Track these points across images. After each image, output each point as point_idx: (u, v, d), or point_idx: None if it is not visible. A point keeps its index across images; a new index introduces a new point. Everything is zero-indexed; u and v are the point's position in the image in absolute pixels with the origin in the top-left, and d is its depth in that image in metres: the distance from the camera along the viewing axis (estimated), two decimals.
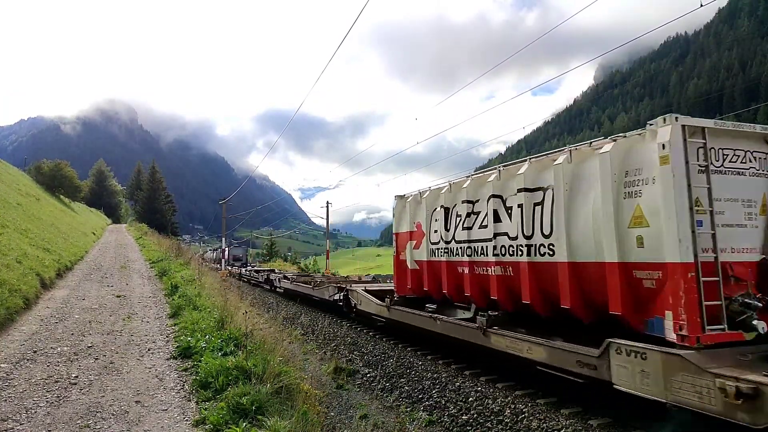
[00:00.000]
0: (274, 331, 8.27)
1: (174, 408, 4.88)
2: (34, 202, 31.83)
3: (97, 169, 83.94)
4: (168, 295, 11.96)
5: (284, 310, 18.09)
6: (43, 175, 54.04)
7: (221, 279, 18.62)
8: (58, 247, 18.71)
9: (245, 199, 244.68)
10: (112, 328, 8.31)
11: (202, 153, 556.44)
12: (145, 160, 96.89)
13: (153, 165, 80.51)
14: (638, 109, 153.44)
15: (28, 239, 16.48)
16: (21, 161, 75.00)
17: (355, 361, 10.63)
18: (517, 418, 6.51)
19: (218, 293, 11.16)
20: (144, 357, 6.67)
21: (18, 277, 10.31)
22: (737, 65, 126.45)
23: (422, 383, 8.45)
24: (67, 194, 56.26)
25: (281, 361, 5.97)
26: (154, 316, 9.61)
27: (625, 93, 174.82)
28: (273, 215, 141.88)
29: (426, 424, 7.04)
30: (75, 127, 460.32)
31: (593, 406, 6.61)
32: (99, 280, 14.68)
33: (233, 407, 4.52)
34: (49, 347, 6.93)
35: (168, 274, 15.56)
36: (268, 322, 9.38)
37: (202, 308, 9.24)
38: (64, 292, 11.99)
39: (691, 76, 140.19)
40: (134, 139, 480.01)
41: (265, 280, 25.46)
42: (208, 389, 5.20)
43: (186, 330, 7.82)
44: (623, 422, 6.08)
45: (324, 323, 15.34)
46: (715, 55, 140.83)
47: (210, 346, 6.47)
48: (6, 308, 8.29)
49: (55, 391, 5.19)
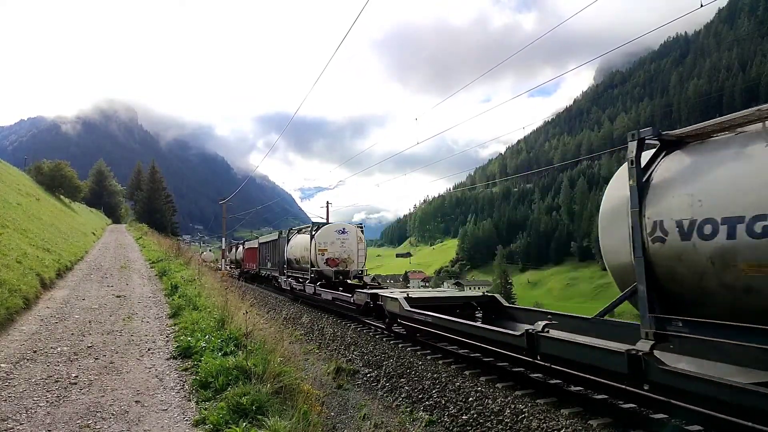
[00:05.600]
0: (274, 331, 8.27)
1: (174, 408, 4.87)
2: (34, 202, 31.83)
3: (97, 169, 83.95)
4: (168, 295, 11.96)
5: (285, 311, 18.10)
6: (43, 175, 54.06)
7: (221, 279, 18.62)
8: (58, 247, 18.71)
9: (245, 199, 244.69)
10: (112, 328, 8.31)
11: (201, 153, 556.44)
12: (144, 160, 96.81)
13: (153, 165, 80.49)
14: (638, 109, 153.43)
15: (28, 239, 16.48)
16: (21, 161, 74.94)
17: (356, 361, 10.64)
18: (517, 418, 6.51)
19: (218, 293, 11.15)
20: (144, 357, 6.66)
21: (18, 277, 10.30)
22: (737, 65, 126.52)
23: (422, 383, 8.45)
24: (67, 194, 56.27)
25: (282, 361, 5.96)
26: (154, 316, 9.61)
27: (625, 93, 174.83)
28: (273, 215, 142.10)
29: (426, 424, 7.04)
30: (75, 127, 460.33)
31: (593, 406, 6.61)
32: (99, 280, 14.68)
33: (233, 407, 4.52)
34: (49, 347, 6.93)
35: (168, 274, 15.56)
36: (268, 322, 9.38)
37: (202, 308, 9.24)
38: (64, 292, 11.99)
39: (691, 76, 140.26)
40: (134, 139, 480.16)
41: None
42: (208, 389, 5.20)
43: (186, 330, 7.81)
44: (623, 422, 6.08)
45: (324, 323, 15.34)
46: (715, 55, 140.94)
47: (210, 346, 6.47)
48: (6, 308, 8.28)
49: (55, 391, 5.19)
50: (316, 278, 19.33)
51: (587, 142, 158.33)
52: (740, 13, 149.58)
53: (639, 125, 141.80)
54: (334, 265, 19.32)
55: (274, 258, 27.02)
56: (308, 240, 20.29)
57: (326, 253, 19.27)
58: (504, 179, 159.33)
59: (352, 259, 19.59)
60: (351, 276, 19.47)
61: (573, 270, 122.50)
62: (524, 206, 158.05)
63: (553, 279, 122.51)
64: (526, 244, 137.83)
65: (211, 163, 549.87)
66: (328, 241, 19.42)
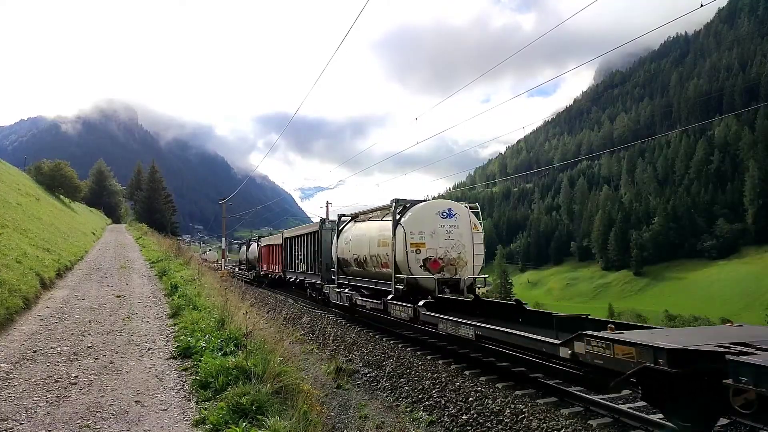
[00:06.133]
0: (274, 331, 8.28)
1: (174, 408, 4.87)
2: (34, 202, 31.82)
3: (97, 169, 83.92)
4: (168, 295, 11.96)
5: (285, 311, 18.10)
6: (43, 174, 54.05)
7: (221, 279, 18.62)
8: (57, 247, 18.71)
9: (245, 199, 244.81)
10: (111, 328, 8.31)
11: (201, 153, 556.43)
12: (144, 160, 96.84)
13: (153, 165, 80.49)
14: (638, 109, 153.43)
15: (28, 239, 16.48)
16: (21, 161, 74.94)
17: (355, 361, 10.64)
18: (517, 418, 6.52)
19: (218, 293, 11.15)
20: (144, 357, 6.66)
21: (18, 277, 10.30)
22: (737, 65, 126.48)
23: (422, 383, 8.46)
24: (66, 194, 56.25)
25: (282, 361, 5.96)
26: (154, 316, 9.60)
27: (625, 93, 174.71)
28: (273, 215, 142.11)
29: (426, 424, 7.04)
30: (75, 127, 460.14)
31: (593, 406, 6.61)
32: (99, 280, 14.68)
33: (233, 407, 4.52)
34: (48, 347, 6.93)
35: (168, 273, 15.55)
36: (268, 322, 9.38)
37: (201, 308, 9.23)
38: (64, 292, 11.99)
39: (691, 76, 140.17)
40: (134, 139, 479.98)
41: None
42: (207, 389, 5.20)
43: (186, 330, 7.81)
44: (623, 422, 6.08)
45: (324, 323, 15.34)
46: (715, 55, 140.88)
47: (210, 346, 6.47)
48: (6, 308, 8.28)
49: (55, 391, 5.19)
50: (408, 291, 11.67)
51: (587, 142, 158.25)
52: (740, 13, 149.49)
53: (639, 125, 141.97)
54: (437, 269, 11.65)
55: (312, 258, 19.61)
56: (385, 229, 12.66)
57: (423, 251, 11.65)
58: (504, 179, 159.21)
59: (464, 260, 11.91)
60: (463, 288, 11.67)
61: (573, 270, 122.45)
62: (524, 206, 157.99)
63: (553, 279, 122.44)
64: (526, 243, 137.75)
65: (211, 163, 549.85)
66: (425, 230, 11.74)
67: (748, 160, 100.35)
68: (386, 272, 12.64)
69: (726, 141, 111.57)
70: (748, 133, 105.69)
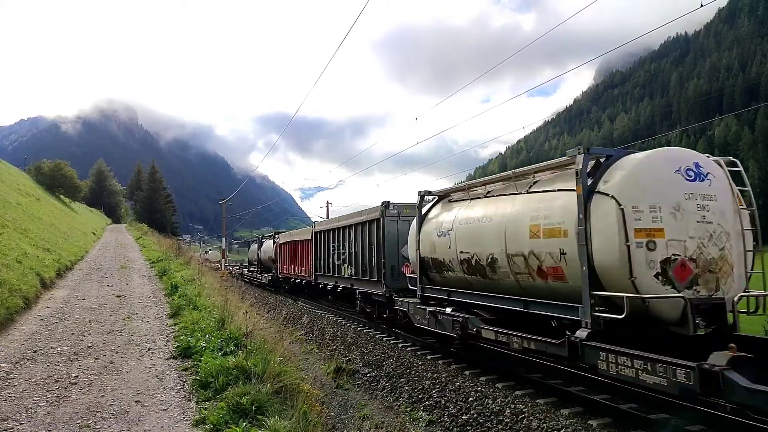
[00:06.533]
0: (274, 331, 8.28)
1: (174, 408, 4.87)
2: (34, 202, 31.83)
3: (97, 169, 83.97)
4: (168, 294, 11.96)
5: (285, 311, 18.10)
6: (43, 174, 54.09)
7: (221, 279, 18.62)
8: (58, 247, 18.72)
9: (245, 199, 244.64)
10: (112, 328, 8.31)
11: (201, 153, 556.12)
12: (144, 160, 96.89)
13: (153, 165, 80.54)
14: (638, 109, 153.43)
15: (28, 239, 16.49)
16: (21, 161, 74.94)
17: (355, 361, 10.63)
18: (517, 418, 6.51)
19: (218, 293, 11.15)
20: (144, 357, 6.66)
21: (18, 277, 10.31)
22: (737, 65, 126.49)
23: (422, 383, 8.45)
24: (67, 194, 56.27)
25: (281, 361, 5.97)
26: (154, 315, 9.61)
27: (625, 93, 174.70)
28: (273, 215, 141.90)
29: (426, 424, 7.04)
30: (75, 127, 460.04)
31: (593, 406, 6.61)
32: (99, 279, 14.68)
33: (233, 407, 4.52)
34: (49, 347, 6.93)
35: (168, 273, 15.56)
36: (268, 322, 9.38)
37: (202, 308, 9.24)
38: (64, 292, 11.99)
39: (691, 76, 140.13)
40: (134, 139, 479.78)
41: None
42: (208, 389, 5.20)
43: (186, 330, 7.82)
44: (623, 422, 6.08)
45: (325, 323, 15.34)
46: (715, 55, 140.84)
47: (210, 346, 6.47)
48: (6, 308, 8.28)
49: (55, 391, 5.19)
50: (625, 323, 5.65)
51: (587, 142, 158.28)
52: (740, 13, 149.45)
53: (639, 125, 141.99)
54: (686, 281, 5.67)
55: (366, 257, 14.35)
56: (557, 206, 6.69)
57: (661, 244, 5.66)
58: None
59: (729, 263, 5.91)
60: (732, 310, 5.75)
61: None
62: None
63: None
64: None
65: (211, 163, 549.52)
66: (662, 203, 5.77)
67: (748, 160, 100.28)
68: (555, 286, 6.84)
69: (726, 141, 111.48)
70: (748, 133, 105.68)
